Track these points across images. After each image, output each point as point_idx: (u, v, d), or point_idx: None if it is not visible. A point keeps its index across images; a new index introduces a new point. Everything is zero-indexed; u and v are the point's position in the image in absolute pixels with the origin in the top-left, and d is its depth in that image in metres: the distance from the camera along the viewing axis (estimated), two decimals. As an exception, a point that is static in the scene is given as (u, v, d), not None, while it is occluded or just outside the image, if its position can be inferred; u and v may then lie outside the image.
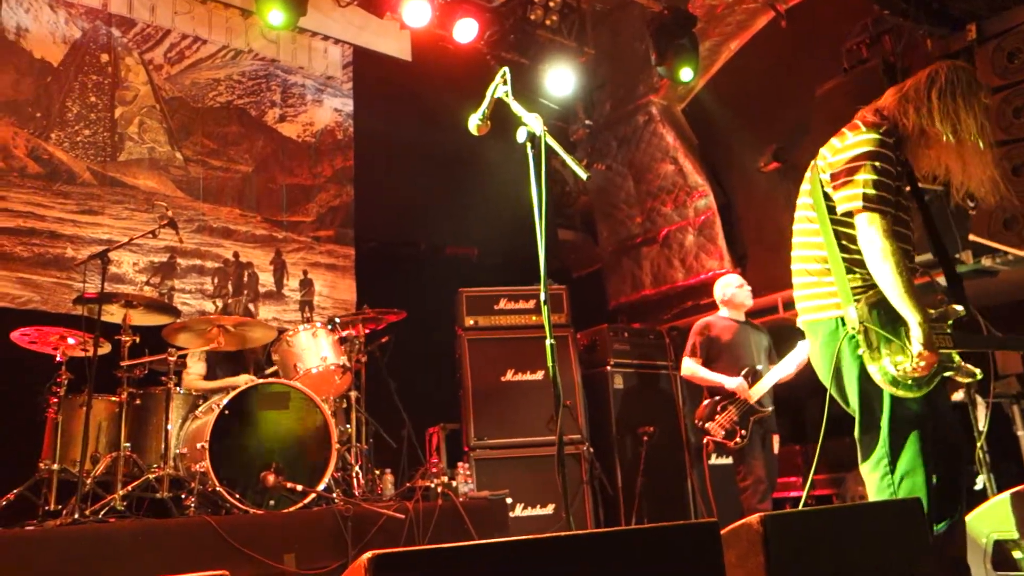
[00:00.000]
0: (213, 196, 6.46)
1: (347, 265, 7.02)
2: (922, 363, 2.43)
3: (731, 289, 5.26)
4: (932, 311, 2.56)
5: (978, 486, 4.38)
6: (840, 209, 2.63)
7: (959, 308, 2.62)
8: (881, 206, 2.55)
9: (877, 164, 2.58)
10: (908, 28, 5.65)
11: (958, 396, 4.41)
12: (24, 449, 4.28)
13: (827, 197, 2.69)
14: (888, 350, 2.50)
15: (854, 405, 2.63)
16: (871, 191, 2.55)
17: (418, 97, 7.25)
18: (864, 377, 2.57)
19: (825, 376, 2.69)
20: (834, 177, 2.66)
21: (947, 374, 2.57)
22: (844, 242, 2.63)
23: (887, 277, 2.50)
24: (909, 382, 2.48)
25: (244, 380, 4.55)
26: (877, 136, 2.62)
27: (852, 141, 2.65)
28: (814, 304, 2.72)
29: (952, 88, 2.67)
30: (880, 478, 2.56)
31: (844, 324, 2.60)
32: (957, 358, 2.57)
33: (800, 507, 2.74)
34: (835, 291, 2.63)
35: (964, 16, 5.42)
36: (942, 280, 2.78)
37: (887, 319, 2.52)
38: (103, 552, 3.33)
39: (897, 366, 2.47)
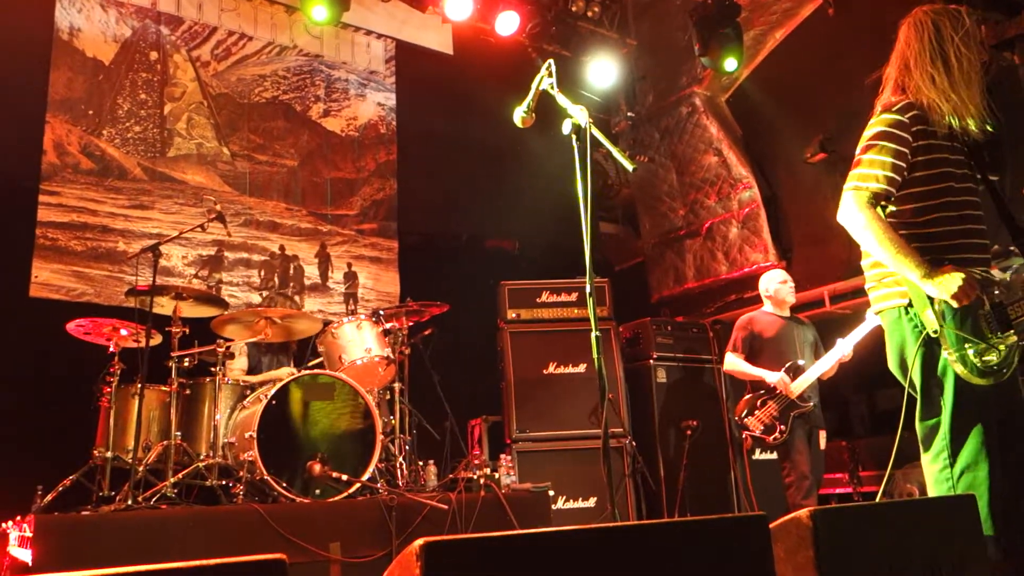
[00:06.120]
0: (259, 190, 6.57)
1: (390, 258, 7.08)
2: (960, 300, 2.39)
3: (775, 285, 5.22)
4: (1004, 276, 2.52)
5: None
6: None
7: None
8: (858, 183, 2.59)
9: (878, 144, 2.60)
10: (962, 14, 5.49)
11: None
12: (79, 437, 4.41)
13: None
14: (969, 344, 2.43)
15: (917, 393, 2.58)
16: (857, 171, 2.62)
17: (460, 90, 7.27)
18: (926, 365, 2.52)
19: (892, 363, 2.67)
20: (853, 165, 2.69)
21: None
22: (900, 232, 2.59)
23: (874, 246, 2.54)
24: (995, 367, 2.42)
25: (285, 372, 4.63)
26: (890, 117, 2.62)
27: (870, 125, 2.68)
28: (881, 293, 2.69)
29: (951, 36, 2.71)
30: (939, 471, 2.49)
31: (907, 312, 2.56)
32: None
33: (878, 499, 2.67)
34: (899, 279, 2.58)
35: (1021, 0, 5.26)
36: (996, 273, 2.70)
37: (963, 315, 2.44)
38: (155, 537, 3.41)
39: (981, 357, 2.42)
